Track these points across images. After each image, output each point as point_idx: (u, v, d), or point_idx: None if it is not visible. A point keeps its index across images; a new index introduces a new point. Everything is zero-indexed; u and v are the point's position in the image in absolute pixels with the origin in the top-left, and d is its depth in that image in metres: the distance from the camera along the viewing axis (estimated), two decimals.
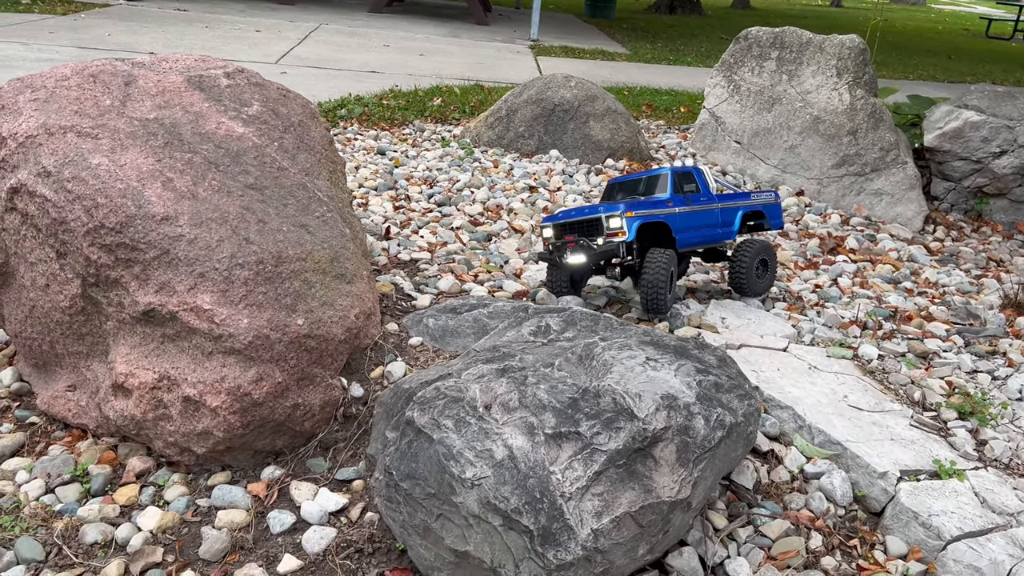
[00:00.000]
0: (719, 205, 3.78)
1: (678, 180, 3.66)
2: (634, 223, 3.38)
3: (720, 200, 3.80)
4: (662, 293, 3.36)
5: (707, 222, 3.73)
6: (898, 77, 12.80)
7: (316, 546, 2.36)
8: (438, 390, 2.35)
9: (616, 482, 2.09)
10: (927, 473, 2.68)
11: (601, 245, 3.41)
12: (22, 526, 2.40)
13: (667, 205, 3.54)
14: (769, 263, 3.92)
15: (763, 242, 3.88)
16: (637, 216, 3.39)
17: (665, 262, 3.37)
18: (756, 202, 3.99)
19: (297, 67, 8.97)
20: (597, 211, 3.42)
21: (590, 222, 3.47)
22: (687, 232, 3.62)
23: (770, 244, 3.91)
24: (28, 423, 2.88)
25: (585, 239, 3.47)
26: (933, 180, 6.30)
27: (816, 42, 6.26)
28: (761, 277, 3.91)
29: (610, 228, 3.38)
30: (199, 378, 2.49)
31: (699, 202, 3.69)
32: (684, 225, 3.60)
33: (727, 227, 3.82)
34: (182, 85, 3.17)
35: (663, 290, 3.36)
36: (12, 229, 2.75)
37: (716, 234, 3.78)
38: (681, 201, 3.61)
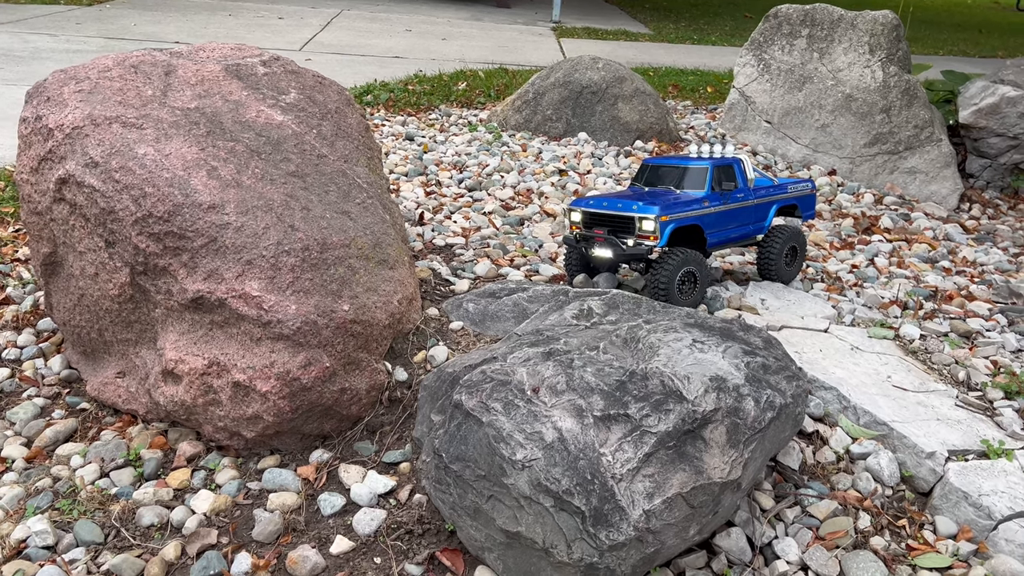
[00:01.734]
0: (754, 201, 3.66)
1: (717, 175, 3.50)
2: (668, 227, 3.25)
3: (756, 196, 3.67)
4: (667, 293, 3.27)
5: (741, 220, 3.62)
6: (928, 53, 12.59)
7: (367, 527, 2.40)
8: (484, 373, 2.36)
9: (667, 463, 2.10)
10: (975, 453, 2.66)
11: (631, 247, 3.30)
12: (80, 509, 2.46)
13: (702, 204, 3.41)
14: (799, 250, 3.84)
15: (794, 229, 3.79)
16: (672, 220, 3.26)
17: (675, 263, 3.26)
18: (792, 194, 3.88)
19: (321, 53, 8.98)
20: (631, 208, 3.28)
21: (622, 219, 3.33)
22: (719, 231, 3.52)
23: (801, 231, 3.80)
24: (79, 409, 2.94)
25: (614, 236, 3.36)
26: (968, 157, 6.20)
27: (848, 19, 6.17)
28: (790, 264, 3.83)
29: (642, 230, 3.26)
30: (248, 364, 2.53)
31: (735, 199, 3.56)
32: (717, 225, 3.50)
33: (760, 222, 3.73)
34: (220, 74, 3.20)
35: (669, 290, 3.27)
36: (60, 219, 2.79)
37: (748, 231, 3.68)
38: (717, 199, 3.48)
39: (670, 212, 3.26)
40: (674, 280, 3.28)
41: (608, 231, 3.39)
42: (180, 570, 2.28)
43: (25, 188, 2.88)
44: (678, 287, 3.32)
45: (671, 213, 3.26)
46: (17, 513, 2.45)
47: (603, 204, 3.41)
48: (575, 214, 3.54)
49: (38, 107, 2.84)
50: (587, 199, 3.52)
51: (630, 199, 3.35)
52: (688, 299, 3.39)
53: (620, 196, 3.45)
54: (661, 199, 3.34)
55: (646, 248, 3.27)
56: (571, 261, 3.69)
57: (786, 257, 3.80)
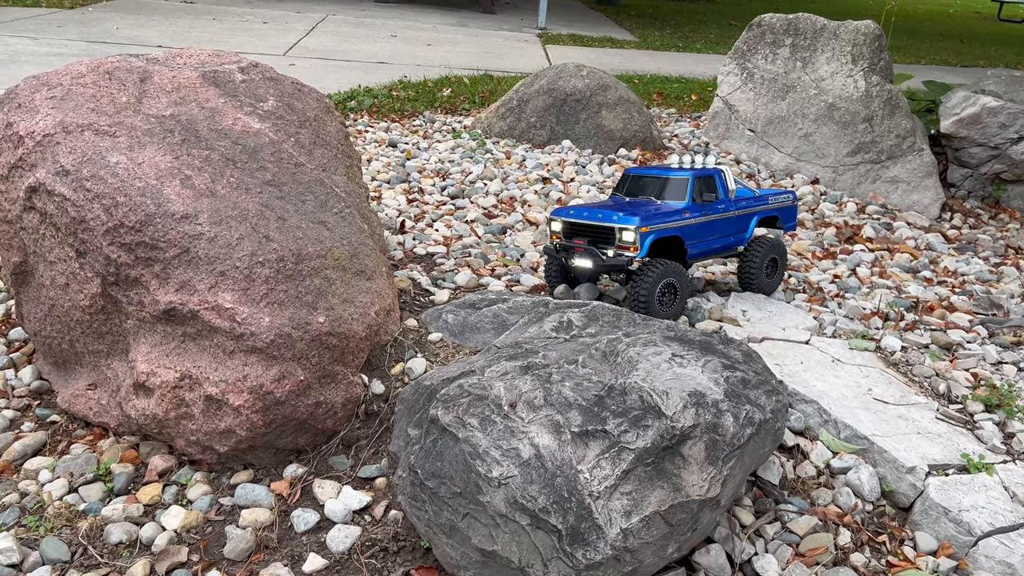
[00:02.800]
0: (735, 213, 3.64)
1: (698, 186, 3.48)
2: (648, 238, 3.22)
3: (737, 207, 3.65)
4: (647, 305, 3.23)
5: (722, 231, 3.59)
6: (910, 62, 12.67)
7: (341, 545, 2.35)
8: (461, 388, 2.33)
9: (645, 481, 2.07)
10: (955, 467, 2.65)
11: (611, 258, 3.28)
12: (47, 526, 2.40)
13: (683, 216, 3.38)
14: (779, 262, 3.82)
15: (774, 240, 3.77)
16: (652, 231, 3.23)
17: (655, 275, 3.23)
18: (773, 206, 3.84)
19: (305, 59, 8.93)
20: (611, 218, 3.26)
21: (603, 230, 3.31)
22: (700, 243, 3.49)
23: (781, 242, 3.79)
24: (49, 422, 2.88)
25: (594, 246, 3.33)
26: (950, 167, 6.23)
27: (831, 28, 6.19)
28: (771, 276, 3.81)
29: (622, 241, 3.23)
30: (221, 377, 2.48)
31: (716, 211, 3.53)
32: (698, 236, 3.47)
33: (741, 234, 3.70)
34: (197, 81, 3.15)
35: (648, 302, 3.23)
36: (31, 228, 2.74)
37: (729, 242, 3.65)
38: (698, 210, 3.45)
39: (650, 223, 3.24)
40: (654, 292, 3.25)
41: (588, 241, 3.37)
42: None
43: None
44: (658, 299, 3.28)
45: (651, 224, 3.24)
46: None
47: (584, 214, 3.39)
48: (556, 224, 3.51)
49: (9, 114, 2.78)
50: (568, 209, 3.50)
51: (611, 210, 3.33)
52: (668, 311, 3.35)
53: (601, 206, 3.43)
54: (642, 210, 3.32)
55: (626, 259, 3.25)
56: (551, 271, 3.66)
57: (767, 268, 3.78)
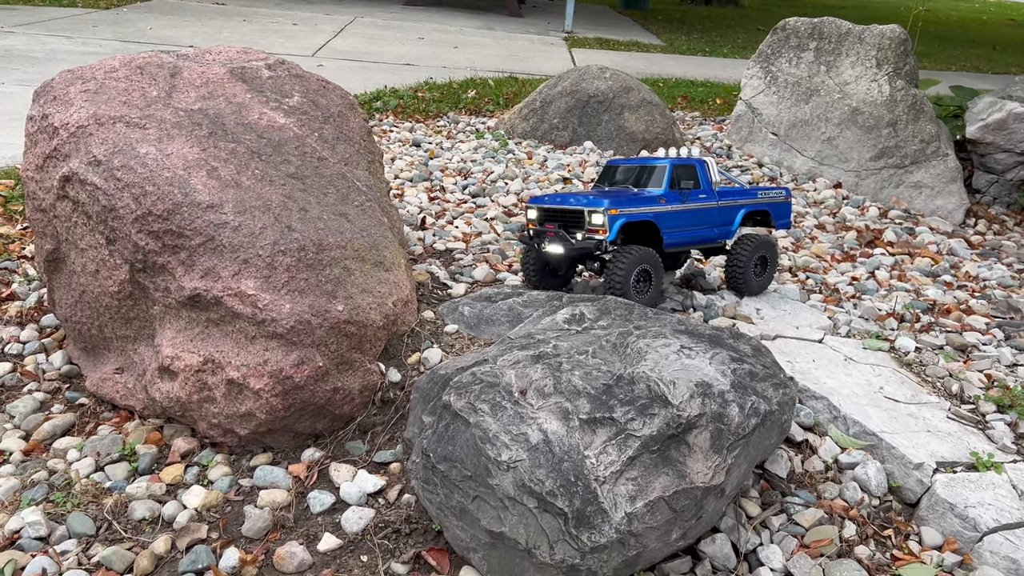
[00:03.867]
0: (718, 203, 3.58)
1: (676, 174, 3.45)
2: (617, 221, 3.20)
3: (720, 198, 3.59)
4: (623, 291, 3.21)
5: (702, 221, 3.53)
6: (941, 68, 12.56)
7: (355, 526, 2.42)
8: (474, 375, 2.38)
9: (650, 467, 2.12)
10: (964, 465, 2.66)
11: (580, 241, 3.26)
12: (74, 502, 2.49)
13: (658, 202, 3.35)
14: (769, 260, 3.75)
15: (763, 238, 3.70)
16: (621, 214, 3.21)
17: (629, 261, 3.20)
18: (762, 200, 3.77)
19: (334, 59, 9.07)
20: (581, 202, 3.26)
21: (573, 213, 3.30)
22: (678, 232, 3.44)
23: (771, 240, 3.72)
24: (78, 404, 2.99)
25: (565, 230, 3.33)
26: (975, 173, 6.19)
27: (855, 32, 6.18)
28: (760, 275, 3.74)
29: (591, 224, 3.22)
30: (243, 361, 2.56)
31: (696, 200, 3.49)
32: (675, 224, 3.42)
33: (725, 227, 3.63)
34: (225, 76, 3.25)
35: (624, 289, 3.21)
36: (63, 216, 2.84)
37: (712, 234, 3.58)
38: (676, 198, 3.42)
39: (620, 207, 3.22)
40: (630, 277, 3.22)
41: (559, 226, 3.37)
42: (169, 564, 2.31)
43: (30, 185, 2.93)
44: (633, 285, 3.26)
45: (621, 208, 3.23)
46: (12, 504, 2.49)
47: (557, 200, 3.42)
48: (531, 211, 3.52)
49: (44, 106, 2.89)
50: (543, 196, 3.53)
51: (582, 195, 3.35)
52: (644, 298, 3.31)
53: (575, 194, 3.44)
54: (614, 195, 3.33)
55: (595, 243, 3.23)
56: (528, 262, 3.63)
57: (755, 267, 3.70)
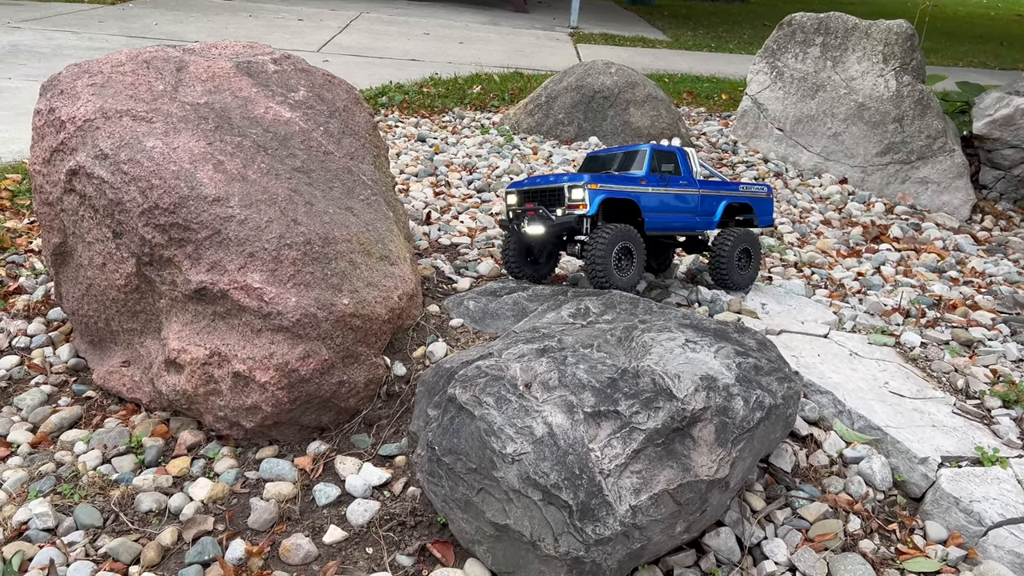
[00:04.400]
0: (699, 191, 3.54)
1: (657, 158, 3.42)
2: (597, 196, 3.14)
3: (702, 186, 3.56)
4: (603, 268, 3.14)
5: (683, 207, 3.49)
6: (948, 64, 12.51)
7: (360, 518, 2.43)
8: (479, 369, 2.39)
9: (654, 460, 2.12)
10: (969, 460, 2.66)
11: (560, 216, 3.20)
12: (81, 494, 2.51)
13: (639, 183, 3.32)
14: (752, 253, 3.69)
15: (745, 230, 3.66)
16: (602, 189, 3.16)
17: (609, 237, 3.13)
18: (744, 194, 3.72)
19: (339, 55, 9.07)
20: (561, 179, 3.22)
21: (552, 191, 3.25)
22: (659, 214, 3.39)
23: (753, 233, 3.68)
24: (85, 397, 3.00)
25: (545, 209, 3.27)
26: (982, 168, 6.17)
27: (862, 27, 6.16)
28: (744, 268, 3.69)
29: (571, 199, 3.16)
30: (249, 354, 2.57)
31: (677, 184, 3.46)
32: (656, 206, 3.38)
33: (707, 216, 3.58)
34: (231, 71, 3.25)
35: (604, 265, 3.13)
36: (70, 210, 2.85)
37: (694, 222, 3.53)
38: (656, 181, 3.39)
39: (601, 182, 3.18)
40: (610, 256, 3.14)
41: (538, 205, 3.32)
42: (176, 555, 2.32)
43: (37, 179, 2.94)
44: (615, 263, 3.18)
45: (602, 183, 3.19)
46: (20, 496, 2.50)
47: (536, 181, 3.38)
48: (511, 196, 3.47)
49: (51, 100, 2.90)
50: (522, 180, 3.48)
51: (562, 174, 3.29)
52: (626, 277, 3.23)
53: (554, 174, 3.38)
54: (594, 174, 3.29)
55: (575, 217, 3.17)
56: (508, 249, 3.57)
57: (739, 261, 3.66)
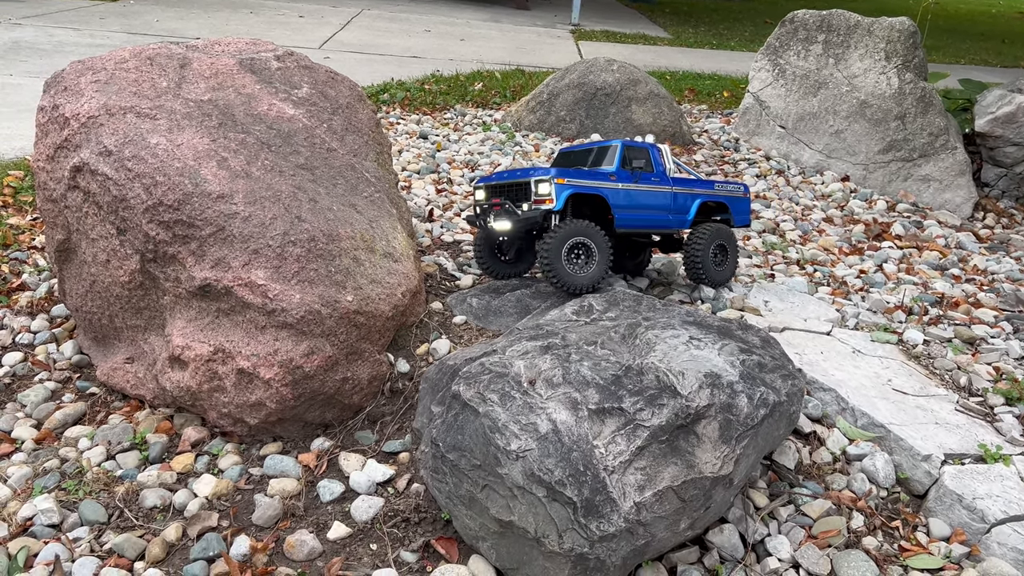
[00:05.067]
0: (672, 188, 3.47)
1: (628, 154, 3.35)
2: (564, 191, 3.07)
3: (675, 184, 3.49)
4: (551, 266, 3.03)
5: (655, 204, 3.41)
6: (949, 62, 12.50)
7: (364, 514, 2.44)
8: (483, 366, 2.39)
9: (659, 457, 2.12)
10: (972, 457, 2.66)
11: (526, 212, 3.12)
12: (85, 490, 2.51)
13: (609, 179, 3.24)
14: (728, 249, 3.63)
15: (719, 226, 3.59)
16: (569, 184, 3.09)
17: (560, 233, 3.03)
18: (719, 192, 3.65)
19: (340, 52, 9.06)
20: (528, 174, 3.14)
21: (519, 186, 3.17)
22: (630, 211, 3.31)
23: (728, 229, 3.62)
24: (88, 393, 3.00)
25: (512, 204, 3.20)
26: (984, 166, 6.17)
27: (864, 25, 6.16)
28: (720, 264, 3.62)
29: (538, 194, 3.08)
30: (253, 351, 2.57)
31: (649, 181, 3.38)
32: (626, 203, 3.29)
33: (680, 214, 3.50)
34: (234, 68, 3.25)
35: (553, 262, 3.03)
36: (74, 206, 2.85)
37: (667, 220, 3.45)
38: (627, 177, 3.31)
39: (569, 177, 3.11)
40: (559, 253, 3.03)
41: (504, 200, 3.25)
42: (180, 551, 2.33)
43: (41, 176, 2.95)
44: (566, 258, 3.06)
45: (569, 178, 3.11)
46: (24, 492, 2.51)
47: (504, 176, 3.30)
48: (479, 192, 3.40)
49: (55, 96, 2.90)
50: (490, 176, 3.41)
51: (531, 168, 3.22)
52: (582, 275, 3.10)
53: (523, 168, 3.34)
54: (563, 168, 3.21)
55: (541, 212, 3.09)
56: (479, 245, 3.51)
57: (715, 257, 3.60)
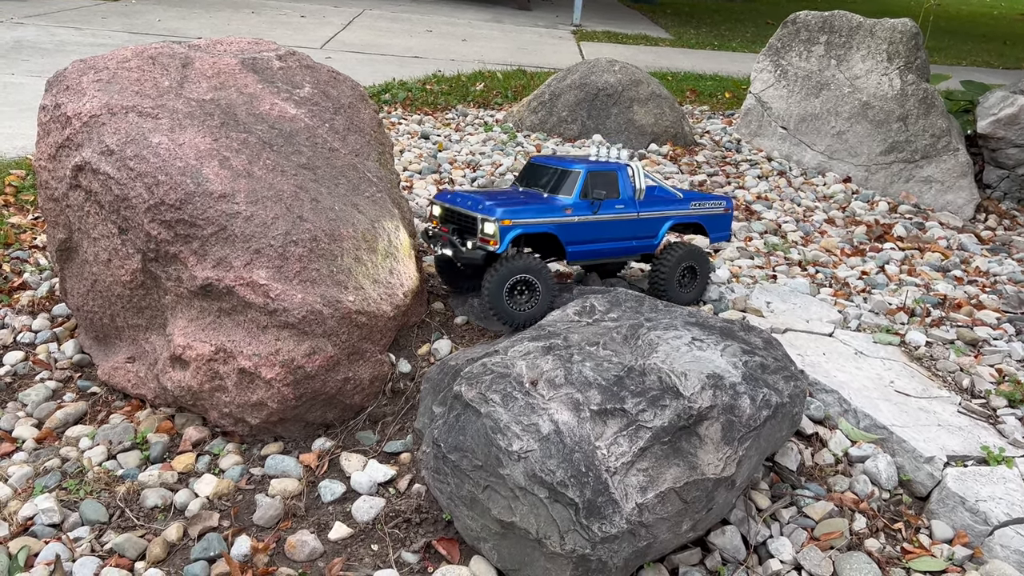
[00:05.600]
0: (638, 215, 3.25)
1: (591, 183, 3.13)
2: (510, 233, 2.93)
3: (642, 208, 3.27)
4: (493, 303, 2.96)
5: (616, 234, 3.22)
6: (951, 63, 12.49)
7: (365, 515, 2.43)
8: (485, 366, 2.39)
9: (661, 458, 2.12)
10: (975, 459, 2.66)
11: (468, 250, 3.02)
12: (86, 489, 2.51)
13: (563, 212, 3.06)
14: (698, 270, 3.45)
15: (690, 247, 3.40)
16: (516, 225, 2.94)
17: (500, 273, 2.94)
18: (693, 212, 3.44)
19: (342, 52, 9.06)
20: (476, 207, 3.00)
21: (468, 218, 3.05)
22: (586, 244, 3.16)
23: (700, 249, 3.43)
24: (90, 393, 3.00)
25: (460, 235, 3.09)
26: (986, 168, 6.16)
27: (866, 26, 6.15)
28: (686, 286, 3.45)
29: (483, 233, 2.96)
30: (254, 351, 2.57)
31: (610, 211, 3.17)
32: (582, 237, 3.13)
33: (647, 239, 3.32)
34: (236, 67, 3.25)
35: (495, 300, 2.95)
36: (76, 206, 2.85)
37: (628, 247, 3.28)
38: (585, 208, 3.10)
39: (515, 217, 2.96)
40: (501, 288, 2.95)
41: (454, 230, 3.15)
42: (181, 551, 2.33)
43: (43, 175, 2.94)
44: (508, 295, 2.98)
45: (516, 218, 2.96)
46: (25, 491, 2.50)
47: (457, 200, 3.16)
48: (436, 208, 3.28)
49: (57, 95, 2.90)
50: (447, 194, 3.26)
51: (481, 198, 3.07)
52: (525, 311, 3.02)
53: (477, 194, 3.19)
54: (512, 202, 3.05)
55: (481, 254, 2.99)
56: (440, 259, 3.44)
57: (682, 278, 3.43)
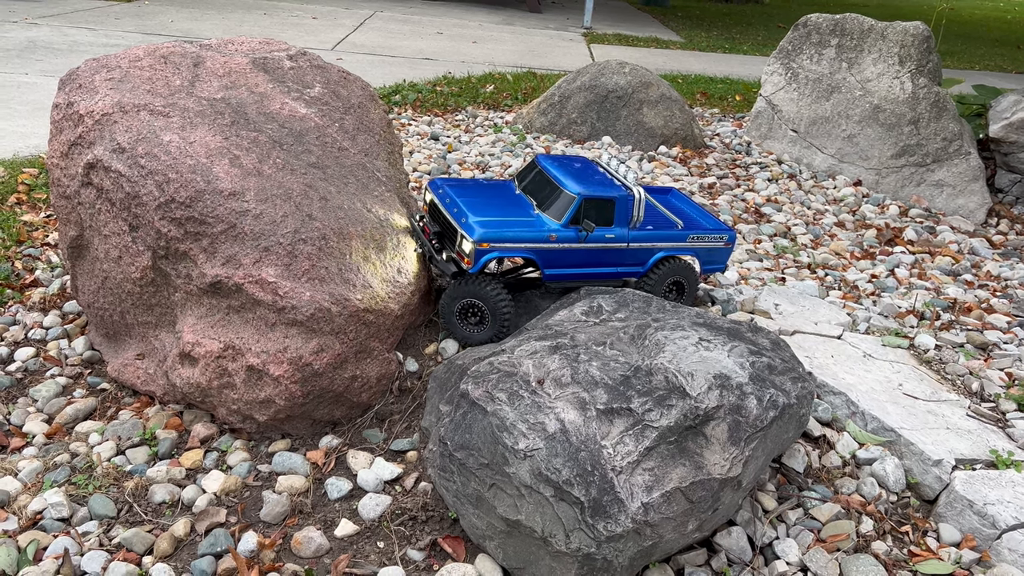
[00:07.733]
0: (627, 245, 3.12)
1: (584, 210, 2.97)
2: (485, 256, 2.86)
3: (633, 238, 3.12)
4: (446, 321, 2.99)
5: (604, 261, 3.13)
6: (964, 67, 12.43)
7: (372, 512, 2.44)
8: (491, 365, 2.40)
9: (667, 458, 2.12)
10: (983, 463, 2.64)
11: (442, 261, 2.97)
12: (95, 484, 2.53)
13: (547, 239, 2.93)
14: (686, 287, 3.32)
15: (678, 263, 3.25)
16: (493, 249, 2.85)
17: (452, 294, 2.95)
18: (688, 245, 3.26)
19: (353, 53, 9.10)
20: (460, 219, 2.91)
21: (451, 227, 2.97)
22: (566, 268, 3.06)
23: (689, 265, 3.28)
24: (99, 389, 3.02)
25: (440, 238, 3.03)
26: (998, 172, 6.13)
27: (878, 29, 6.13)
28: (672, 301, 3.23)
29: (459, 248, 2.89)
30: (263, 348, 2.58)
31: (599, 239, 3.03)
32: (562, 262, 3.03)
33: (633, 267, 3.20)
34: (247, 66, 3.27)
35: (447, 319, 2.98)
36: (87, 203, 2.87)
37: (613, 272, 3.18)
38: (572, 236, 2.97)
39: (494, 240, 2.85)
40: (452, 308, 2.96)
41: (435, 232, 3.07)
42: (188, 546, 2.34)
43: (55, 172, 2.97)
44: (459, 316, 2.99)
45: (495, 241, 2.86)
46: (35, 486, 2.52)
47: (447, 200, 3.04)
48: (428, 194, 3.16)
49: (70, 94, 2.92)
50: (447, 182, 3.15)
51: (467, 208, 2.96)
52: (475, 333, 3.00)
53: (467, 197, 3.06)
54: (498, 214, 2.96)
55: (452, 271, 2.94)
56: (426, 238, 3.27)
57: (667, 292, 3.31)
